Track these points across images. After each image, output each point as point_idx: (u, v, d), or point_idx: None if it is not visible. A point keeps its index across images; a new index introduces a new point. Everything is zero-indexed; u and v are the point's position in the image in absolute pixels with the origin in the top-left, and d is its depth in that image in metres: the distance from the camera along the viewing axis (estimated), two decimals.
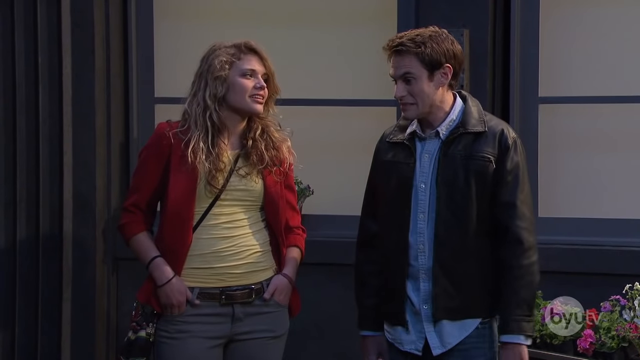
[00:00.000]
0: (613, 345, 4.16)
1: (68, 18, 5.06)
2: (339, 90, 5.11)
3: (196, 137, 3.66)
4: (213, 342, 3.70)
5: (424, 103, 3.55)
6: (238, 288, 3.70)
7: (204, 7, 5.28)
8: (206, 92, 3.68)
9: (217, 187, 3.66)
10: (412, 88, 3.54)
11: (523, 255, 3.52)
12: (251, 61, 3.71)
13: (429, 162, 3.58)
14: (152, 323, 3.70)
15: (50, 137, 5.08)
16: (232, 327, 3.71)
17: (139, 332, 3.69)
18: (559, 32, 4.87)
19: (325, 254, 4.90)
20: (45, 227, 5.08)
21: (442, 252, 3.53)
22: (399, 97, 3.56)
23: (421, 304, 3.57)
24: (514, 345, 3.52)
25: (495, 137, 3.57)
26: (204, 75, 3.70)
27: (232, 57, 3.69)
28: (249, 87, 3.68)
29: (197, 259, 3.69)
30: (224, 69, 3.67)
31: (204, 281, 3.69)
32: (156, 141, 3.73)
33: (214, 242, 3.69)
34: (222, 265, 3.68)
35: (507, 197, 3.54)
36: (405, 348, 3.61)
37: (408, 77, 3.54)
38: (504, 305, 3.53)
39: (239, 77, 3.69)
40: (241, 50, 3.71)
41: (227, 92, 3.68)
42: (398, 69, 3.56)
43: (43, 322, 5.10)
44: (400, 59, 3.55)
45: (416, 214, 3.57)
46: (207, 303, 3.68)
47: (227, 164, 3.69)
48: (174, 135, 3.69)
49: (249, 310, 3.72)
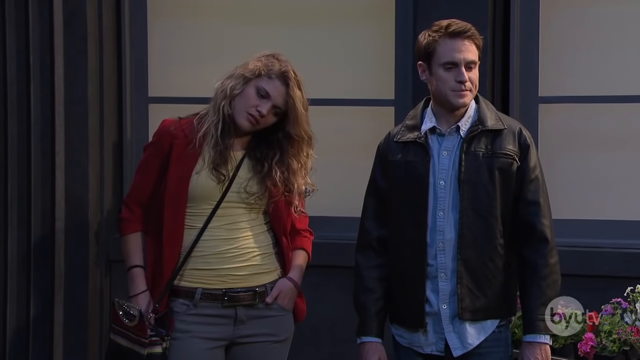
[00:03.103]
0: (614, 348, 4.14)
1: (60, 17, 5.04)
2: (337, 89, 5.10)
3: (209, 122, 3.66)
4: (214, 343, 3.68)
5: (475, 92, 3.59)
6: (241, 290, 3.68)
7: (199, 6, 5.26)
8: (231, 83, 3.67)
9: (222, 173, 3.64)
10: (473, 75, 3.56)
11: (549, 253, 3.56)
12: (274, 87, 3.65)
13: (448, 159, 3.56)
14: (168, 336, 3.66)
15: (42, 138, 5.07)
16: (234, 329, 3.70)
17: (154, 349, 3.65)
18: (559, 31, 4.87)
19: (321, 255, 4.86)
20: (37, 228, 5.06)
21: (466, 252, 3.53)
22: (464, 81, 3.53)
23: (440, 304, 3.55)
24: (540, 345, 3.54)
25: (514, 135, 3.59)
26: (240, 68, 3.69)
27: (265, 71, 3.65)
28: (252, 101, 3.65)
29: (199, 260, 3.68)
30: (253, 74, 3.65)
31: (206, 282, 3.68)
32: (157, 138, 3.74)
33: (217, 244, 3.68)
34: (225, 267, 3.68)
35: (531, 196, 3.56)
36: (426, 351, 3.61)
37: (472, 65, 3.54)
38: (530, 304, 3.54)
39: (252, 89, 3.65)
40: (277, 73, 3.66)
41: (238, 93, 3.66)
42: (467, 54, 3.54)
43: (35, 325, 5.07)
44: (469, 45, 3.54)
45: (435, 212, 3.55)
46: (209, 304, 3.67)
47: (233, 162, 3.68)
48: (181, 129, 3.68)
49: (252, 313, 3.71)
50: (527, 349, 3.55)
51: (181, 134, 3.68)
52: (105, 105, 5.16)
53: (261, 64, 3.66)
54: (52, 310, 5.07)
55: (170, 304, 3.69)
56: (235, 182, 3.68)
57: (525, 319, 3.56)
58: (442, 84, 3.55)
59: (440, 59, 3.54)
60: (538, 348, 3.54)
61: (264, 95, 3.64)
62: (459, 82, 3.52)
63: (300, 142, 3.72)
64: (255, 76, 3.65)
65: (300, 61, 5.08)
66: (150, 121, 5.19)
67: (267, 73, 3.65)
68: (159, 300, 3.68)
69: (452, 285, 3.54)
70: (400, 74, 4.94)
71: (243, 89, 3.65)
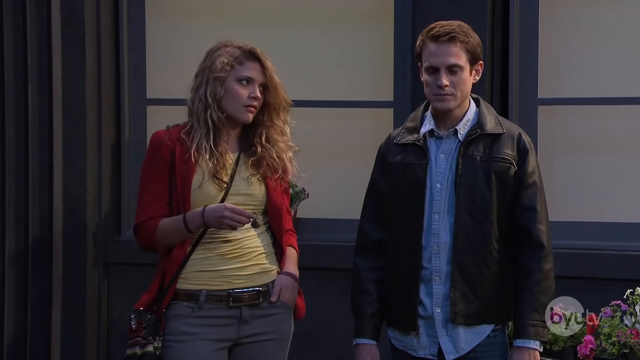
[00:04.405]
0: (614, 351, 4.13)
1: (58, 17, 5.04)
2: (335, 91, 5.09)
3: (199, 136, 3.65)
4: (219, 344, 3.68)
5: (462, 96, 3.54)
6: (245, 290, 3.67)
7: (197, 6, 5.26)
8: (207, 90, 3.67)
9: (223, 181, 3.64)
10: (457, 78, 3.51)
11: (544, 259, 3.53)
12: (250, 69, 3.68)
13: (445, 162, 3.55)
14: (159, 336, 3.65)
15: (40, 139, 5.06)
16: (239, 329, 3.69)
17: (146, 347, 3.64)
18: (559, 33, 4.86)
19: (320, 258, 4.89)
20: (34, 230, 5.06)
21: (461, 256, 3.51)
22: (443, 86, 3.50)
23: (434, 307, 3.53)
24: (529, 350, 3.51)
25: (513, 140, 3.57)
26: (207, 71, 3.69)
27: (234, 61, 3.67)
28: (243, 95, 3.67)
29: (202, 262, 3.67)
30: (224, 70, 3.66)
31: (210, 283, 3.67)
32: (157, 149, 3.69)
33: (219, 245, 3.67)
34: (228, 267, 3.67)
35: (528, 201, 3.54)
36: (420, 354, 3.58)
37: (455, 68, 3.50)
38: (522, 310, 3.52)
39: (235, 83, 3.67)
40: (244, 55, 3.69)
41: (223, 95, 3.67)
42: (447, 58, 3.50)
43: (32, 328, 5.07)
44: (451, 48, 3.50)
45: (430, 215, 3.54)
46: (214, 305, 3.66)
47: (230, 165, 3.68)
48: (176, 140, 3.67)
49: (256, 312, 3.70)
50: (516, 354, 3.53)
51: (177, 143, 3.68)
52: (103, 107, 5.16)
53: (225, 57, 3.67)
54: (49, 312, 5.07)
55: (171, 307, 3.68)
56: (234, 184, 3.68)
57: (516, 324, 3.54)
58: (427, 88, 3.56)
59: (424, 62, 3.54)
60: (527, 353, 3.51)
61: (248, 81, 3.67)
62: (438, 87, 3.51)
63: (279, 109, 3.74)
64: (228, 71, 3.66)
65: (299, 63, 5.12)
66: (148, 123, 5.18)
67: (237, 61, 3.67)
68: (158, 301, 3.67)
69: (446, 289, 3.52)
70: (399, 75, 4.93)
71: (224, 88, 3.66)
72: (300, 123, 4.95)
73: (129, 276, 5.06)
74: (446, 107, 3.54)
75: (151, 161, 3.70)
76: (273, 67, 3.71)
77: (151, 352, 3.63)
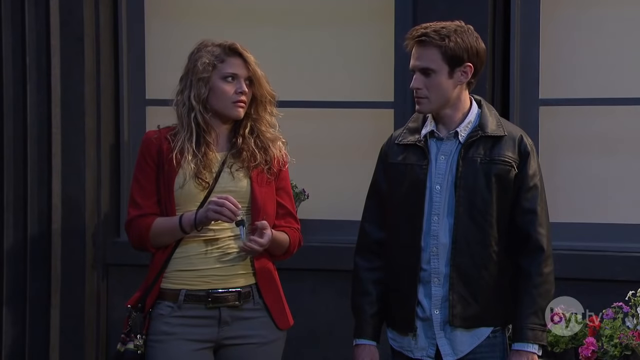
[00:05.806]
0: (615, 353, 4.12)
1: (57, 18, 5.03)
2: (335, 91, 5.08)
3: (182, 138, 3.68)
4: (199, 345, 3.67)
5: (438, 99, 3.50)
6: (224, 291, 3.66)
7: (196, 6, 5.25)
8: (191, 92, 3.69)
9: (205, 181, 3.65)
10: (430, 82, 3.50)
11: (544, 263, 3.51)
12: (234, 65, 3.69)
13: (445, 163, 3.54)
14: (141, 334, 3.67)
15: (39, 140, 5.06)
16: (219, 330, 3.68)
17: (128, 345, 3.67)
18: (560, 33, 4.86)
19: (320, 259, 4.89)
20: (33, 231, 5.05)
21: (459, 258, 3.50)
22: (414, 88, 3.51)
23: (432, 309, 3.53)
24: (527, 354, 3.50)
25: (514, 142, 3.55)
26: (190, 74, 3.71)
27: (216, 60, 3.68)
28: (229, 92, 3.68)
29: (183, 261, 3.68)
30: (207, 70, 3.67)
31: (189, 283, 3.67)
32: (145, 148, 3.74)
33: (200, 245, 3.67)
34: (207, 268, 3.67)
35: (528, 204, 3.52)
36: (417, 355, 3.57)
37: (428, 71, 3.49)
38: (520, 313, 3.51)
39: (220, 81, 3.68)
40: (225, 52, 3.70)
41: (209, 94, 3.68)
42: (419, 61, 3.50)
43: (31, 329, 5.06)
44: (422, 51, 3.49)
45: (430, 216, 3.53)
46: (193, 305, 3.66)
47: (215, 164, 3.68)
48: (163, 139, 3.70)
49: (237, 314, 3.69)
50: (514, 357, 3.52)
51: (165, 142, 3.71)
52: (102, 107, 5.15)
53: (206, 57, 3.67)
54: (48, 313, 5.06)
55: (156, 307, 3.69)
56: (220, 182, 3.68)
57: (514, 327, 3.53)
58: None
59: None
60: (525, 357, 3.50)
61: (233, 77, 3.68)
62: (412, 89, 3.52)
63: (265, 102, 3.74)
64: (211, 70, 3.67)
65: (299, 63, 5.11)
66: (147, 123, 5.18)
67: (219, 59, 3.68)
68: (142, 300, 3.69)
69: (445, 291, 3.51)
70: (400, 76, 4.93)
71: (210, 88, 3.67)
72: (301, 124, 4.99)
73: (128, 277, 5.05)
74: (423, 110, 3.54)
75: (141, 160, 3.73)
76: (255, 60, 3.71)
77: (131, 349, 3.65)
